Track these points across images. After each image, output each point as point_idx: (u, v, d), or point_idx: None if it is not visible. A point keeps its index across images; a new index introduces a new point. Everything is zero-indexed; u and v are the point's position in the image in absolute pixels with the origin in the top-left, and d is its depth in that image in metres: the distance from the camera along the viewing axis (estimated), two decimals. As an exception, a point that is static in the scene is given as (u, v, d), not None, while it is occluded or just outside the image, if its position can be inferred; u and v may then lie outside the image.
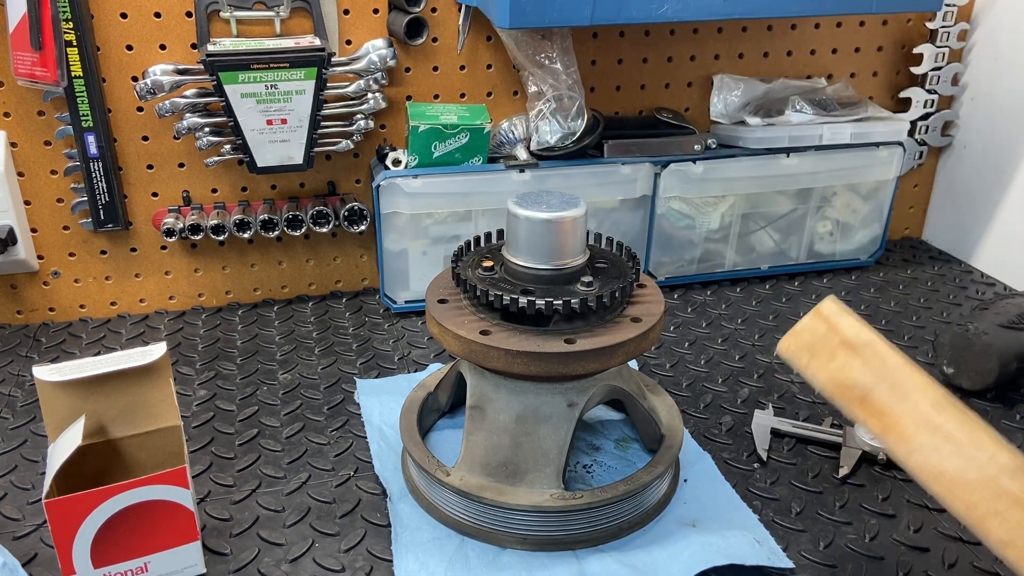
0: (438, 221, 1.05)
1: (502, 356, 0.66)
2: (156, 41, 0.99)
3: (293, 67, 0.95)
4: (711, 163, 1.10)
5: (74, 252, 1.07)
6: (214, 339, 1.05)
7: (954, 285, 1.19)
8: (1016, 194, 1.19)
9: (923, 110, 1.25)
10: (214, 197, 1.08)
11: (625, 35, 1.13)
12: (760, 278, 1.20)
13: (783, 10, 0.97)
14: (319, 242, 1.15)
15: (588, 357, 0.66)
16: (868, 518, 0.74)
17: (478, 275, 0.71)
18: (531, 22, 0.88)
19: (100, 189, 1.02)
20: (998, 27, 1.20)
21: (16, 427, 0.87)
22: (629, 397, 0.77)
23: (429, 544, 0.70)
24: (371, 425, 0.86)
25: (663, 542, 0.70)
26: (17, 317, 1.09)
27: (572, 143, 1.05)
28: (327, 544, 0.71)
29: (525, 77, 1.07)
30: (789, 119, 1.12)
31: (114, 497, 0.61)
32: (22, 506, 0.75)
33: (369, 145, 1.09)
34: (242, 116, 0.96)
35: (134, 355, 0.69)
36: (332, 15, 1.02)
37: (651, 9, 0.89)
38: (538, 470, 0.69)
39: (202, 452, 0.83)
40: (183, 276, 1.12)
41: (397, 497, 0.75)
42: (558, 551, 0.69)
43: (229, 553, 0.70)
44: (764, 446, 0.82)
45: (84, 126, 0.98)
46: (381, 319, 1.10)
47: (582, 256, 0.71)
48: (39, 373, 0.67)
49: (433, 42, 1.06)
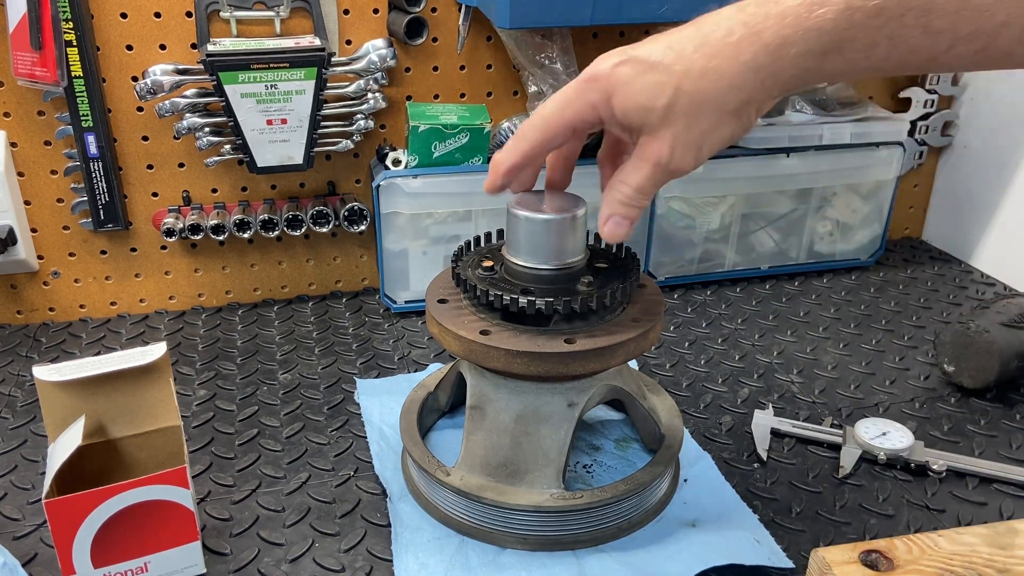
0: (438, 221, 1.05)
1: (502, 356, 0.66)
2: (156, 41, 0.99)
3: (293, 67, 0.95)
4: (711, 163, 1.10)
5: (74, 252, 1.07)
6: (214, 339, 1.05)
7: (954, 285, 1.19)
8: (1016, 194, 1.19)
9: (923, 110, 1.25)
10: (214, 197, 1.08)
11: (625, 35, 1.13)
12: (760, 278, 1.20)
13: (783, 10, 0.96)
14: (319, 242, 1.15)
15: (588, 357, 0.66)
16: (868, 518, 0.74)
17: (478, 275, 0.71)
18: (531, 22, 0.88)
19: (100, 189, 1.02)
20: (998, 27, 1.19)
21: (16, 427, 0.87)
22: (629, 397, 0.77)
23: (429, 544, 0.70)
24: (371, 425, 0.86)
25: (663, 542, 0.70)
26: (17, 317, 1.09)
27: (572, 143, 1.05)
28: (327, 544, 0.71)
29: (525, 77, 1.07)
30: (789, 119, 1.12)
31: (114, 497, 0.61)
32: (22, 506, 0.75)
33: (369, 145, 1.09)
34: (242, 116, 0.96)
35: (134, 355, 0.69)
36: (332, 15, 1.02)
37: (651, 9, 0.89)
38: (538, 470, 0.69)
39: (202, 452, 0.83)
40: (183, 276, 1.12)
41: (397, 497, 0.75)
42: (558, 551, 0.69)
43: (229, 553, 0.70)
44: (764, 446, 0.82)
45: (84, 126, 0.98)
46: (381, 319, 1.10)
47: (582, 256, 0.71)
48: (39, 373, 0.67)
49: (433, 42, 1.06)
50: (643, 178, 0.57)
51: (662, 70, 0.53)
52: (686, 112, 0.54)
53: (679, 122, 0.54)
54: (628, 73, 0.55)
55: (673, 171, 0.56)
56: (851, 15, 0.48)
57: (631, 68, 0.55)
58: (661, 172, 0.57)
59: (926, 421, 0.88)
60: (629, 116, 0.56)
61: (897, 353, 1.01)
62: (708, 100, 0.53)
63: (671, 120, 0.54)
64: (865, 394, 0.93)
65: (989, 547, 0.61)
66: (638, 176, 0.57)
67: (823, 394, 0.92)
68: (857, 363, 0.99)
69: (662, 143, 0.55)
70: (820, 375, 0.96)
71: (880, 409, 0.90)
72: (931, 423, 0.87)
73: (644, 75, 0.54)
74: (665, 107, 0.54)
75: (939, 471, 0.78)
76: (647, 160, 0.56)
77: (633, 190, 0.58)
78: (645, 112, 0.55)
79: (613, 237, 0.60)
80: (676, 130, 0.54)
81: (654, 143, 0.55)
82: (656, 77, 0.54)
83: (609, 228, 0.60)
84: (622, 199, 0.59)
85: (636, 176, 0.57)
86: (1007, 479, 0.78)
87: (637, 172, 0.57)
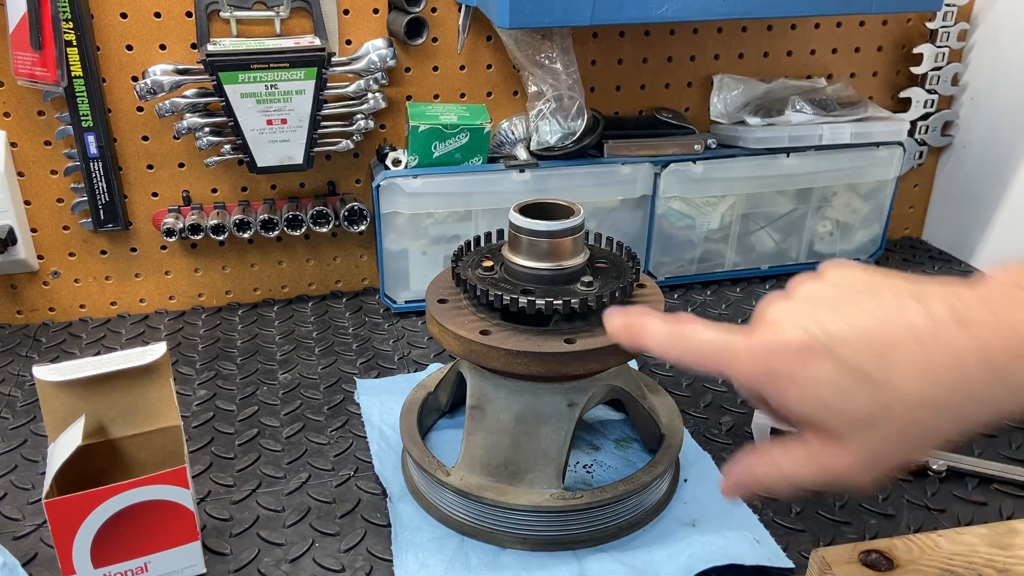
0: (438, 221, 1.05)
1: (502, 356, 0.66)
2: (156, 41, 0.99)
3: (293, 67, 0.95)
4: (711, 163, 1.10)
5: (74, 252, 1.07)
6: (214, 339, 1.05)
7: (954, 285, 1.19)
8: (1016, 194, 1.19)
9: (923, 110, 1.25)
10: (214, 197, 1.08)
11: (625, 35, 1.13)
12: (760, 278, 1.20)
13: (783, 10, 0.97)
14: (319, 242, 1.15)
15: (588, 357, 0.66)
16: (868, 518, 0.74)
17: (478, 275, 0.71)
18: (531, 22, 0.88)
19: (100, 189, 1.02)
20: (998, 27, 1.20)
21: (16, 427, 0.87)
22: (629, 397, 0.77)
23: (429, 544, 0.70)
24: (371, 425, 0.86)
25: (663, 542, 0.70)
26: (17, 317, 1.09)
27: (572, 143, 1.05)
28: (327, 544, 0.71)
29: (525, 77, 1.07)
30: (789, 119, 1.12)
31: (114, 497, 0.61)
32: (22, 506, 0.75)
33: (369, 145, 1.09)
34: (242, 116, 0.96)
35: (134, 355, 0.69)
36: (332, 15, 1.02)
37: (651, 9, 0.89)
38: (538, 470, 0.69)
39: (202, 452, 0.83)
40: (183, 276, 1.12)
41: (397, 497, 0.75)
42: (558, 551, 0.69)
43: (229, 553, 0.70)
44: (764, 446, 0.82)
45: (84, 126, 0.98)
46: (381, 319, 1.10)
47: (582, 256, 0.71)
48: (39, 373, 0.67)
49: (433, 42, 1.06)
50: (807, 478, 0.48)
51: (862, 378, 0.44)
52: (888, 432, 0.45)
53: (876, 439, 0.45)
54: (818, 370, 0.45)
55: (846, 486, 0.47)
56: None
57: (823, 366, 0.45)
58: (830, 482, 0.47)
59: (926, 421, 0.87)
60: (806, 411, 0.47)
61: (897, 353, 1.01)
62: (920, 426, 0.45)
63: (867, 434, 0.45)
64: (865, 394, 0.92)
65: (989, 547, 0.61)
66: (802, 473, 0.48)
67: (823, 394, 0.92)
68: (857, 363, 0.98)
69: (853, 457, 0.46)
70: (820, 375, 0.96)
71: (880, 409, 0.90)
72: (931, 423, 0.87)
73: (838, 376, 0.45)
74: (863, 418, 0.45)
75: (939, 471, 0.78)
76: (824, 467, 0.47)
77: (784, 479, 0.49)
78: (830, 413, 0.46)
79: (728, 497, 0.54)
80: (874, 448, 0.45)
81: (839, 452, 0.46)
82: (853, 383, 0.44)
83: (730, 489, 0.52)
84: (764, 479, 0.50)
85: (800, 471, 0.48)
86: (1007, 479, 0.78)
87: (803, 469, 0.48)
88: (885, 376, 0.44)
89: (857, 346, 0.44)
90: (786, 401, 0.47)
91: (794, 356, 0.46)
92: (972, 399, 0.44)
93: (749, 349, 0.48)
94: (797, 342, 0.46)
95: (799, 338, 0.46)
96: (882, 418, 0.44)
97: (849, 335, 0.45)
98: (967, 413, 0.44)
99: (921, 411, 0.44)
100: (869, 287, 0.47)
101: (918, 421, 0.44)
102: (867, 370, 0.44)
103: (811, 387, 0.46)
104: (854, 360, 0.44)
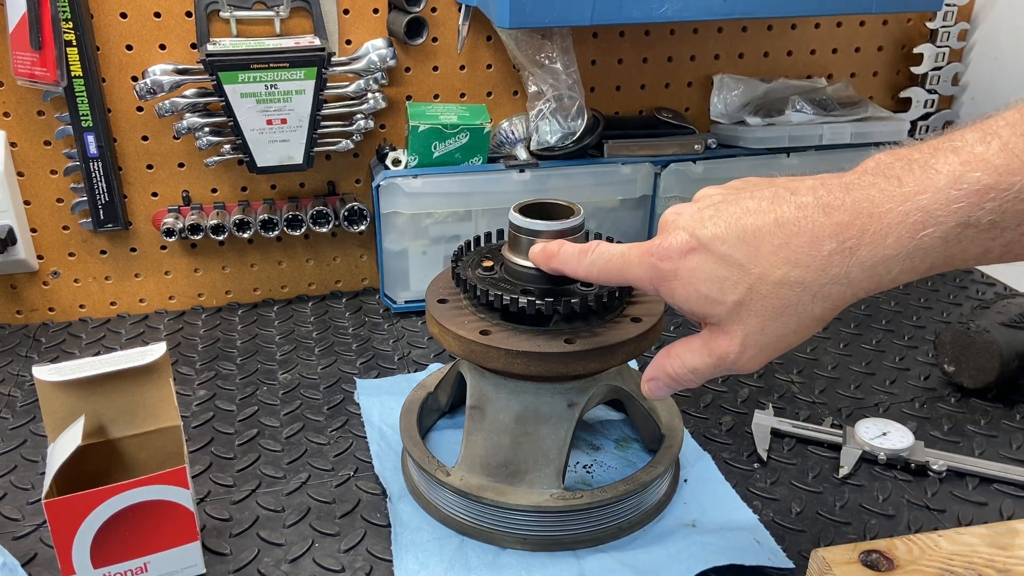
0: (438, 221, 1.05)
1: (502, 356, 0.66)
2: (156, 41, 0.99)
3: (293, 67, 0.95)
4: (711, 163, 1.10)
5: (74, 252, 1.07)
6: (214, 339, 1.05)
7: (954, 285, 1.19)
8: (1016, 194, 1.19)
9: (923, 110, 1.25)
10: (214, 197, 1.08)
11: (625, 35, 1.13)
12: (760, 278, 1.20)
13: (783, 10, 0.97)
14: (319, 242, 1.15)
15: (588, 357, 0.66)
16: (868, 518, 0.74)
17: (478, 275, 0.71)
18: (531, 22, 0.88)
19: (100, 189, 1.02)
20: (998, 27, 1.20)
21: (16, 427, 0.87)
22: (629, 397, 0.77)
23: (429, 544, 0.70)
24: (371, 425, 0.86)
25: (663, 542, 0.70)
26: (17, 317, 1.09)
27: (572, 143, 1.05)
28: (327, 544, 0.71)
29: (525, 77, 1.07)
30: (789, 119, 1.12)
31: (114, 497, 0.61)
32: (22, 506, 0.75)
33: (369, 145, 1.09)
34: (242, 116, 0.96)
35: (134, 355, 0.69)
36: (332, 15, 1.02)
37: (651, 9, 0.89)
38: (538, 470, 0.69)
39: (202, 452, 0.83)
40: (183, 276, 1.12)
41: (397, 497, 0.75)
42: (558, 551, 0.69)
43: (229, 553, 0.70)
44: (764, 446, 0.82)
45: (84, 126, 0.98)
46: (381, 319, 1.10)
47: (582, 256, 0.70)
48: (39, 373, 0.67)
49: (433, 42, 1.06)
50: (702, 366, 0.54)
51: (734, 267, 0.50)
52: (760, 314, 0.50)
53: (751, 322, 0.51)
54: (695, 264, 0.51)
55: (738, 369, 0.53)
56: (962, 231, 0.45)
57: (700, 260, 0.51)
58: (724, 367, 0.53)
59: (926, 421, 0.87)
60: (690, 305, 0.53)
61: (897, 353, 1.01)
62: (788, 307, 0.49)
63: (743, 318, 0.51)
64: (865, 394, 0.93)
65: (989, 547, 0.61)
66: (698, 362, 0.54)
67: (823, 394, 0.92)
68: (857, 363, 0.99)
69: (732, 340, 0.52)
70: (820, 375, 0.96)
71: (880, 409, 0.90)
72: (931, 423, 0.87)
73: (713, 268, 0.51)
74: (736, 304, 0.50)
75: (939, 471, 0.78)
76: (713, 353, 0.53)
77: (687, 371, 0.55)
78: (710, 304, 0.52)
79: (651, 397, 0.59)
80: (749, 330, 0.51)
81: (723, 338, 0.52)
82: (726, 273, 0.50)
83: (649, 388, 0.59)
84: (672, 373, 0.56)
85: (696, 361, 0.55)
86: (1007, 479, 0.78)
87: (698, 358, 0.54)
88: (753, 263, 0.49)
89: (731, 240, 0.50)
90: (675, 298, 0.53)
91: (676, 255, 0.52)
92: (832, 278, 0.48)
93: (640, 255, 0.55)
94: (679, 242, 0.52)
95: (680, 238, 0.52)
96: (753, 300, 0.50)
97: (725, 231, 0.50)
98: (830, 293, 0.48)
99: (787, 291, 0.49)
100: (754, 187, 0.53)
101: (785, 301, 0.49)
102: (738, 259, 0.50)
103: (692, 281, 0.52)
104: (726, 252, 0.50)
